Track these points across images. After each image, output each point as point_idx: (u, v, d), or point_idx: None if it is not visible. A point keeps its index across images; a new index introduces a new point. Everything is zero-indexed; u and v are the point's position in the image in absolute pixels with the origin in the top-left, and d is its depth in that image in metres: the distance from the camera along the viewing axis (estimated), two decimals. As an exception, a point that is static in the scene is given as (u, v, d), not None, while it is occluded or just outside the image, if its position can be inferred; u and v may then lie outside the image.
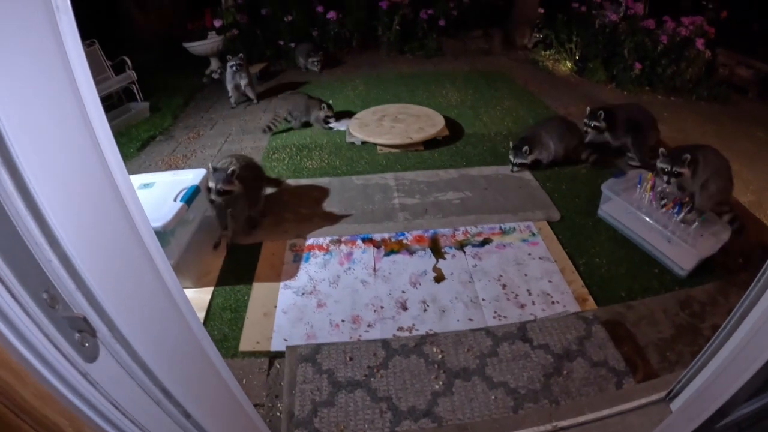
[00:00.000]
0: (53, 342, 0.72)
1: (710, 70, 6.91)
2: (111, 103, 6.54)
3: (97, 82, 6.21)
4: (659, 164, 3.26)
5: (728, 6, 7.57)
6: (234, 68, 6.01)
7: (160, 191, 3.13)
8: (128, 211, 0.89)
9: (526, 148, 4.02)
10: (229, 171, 3.18)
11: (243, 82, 6.13)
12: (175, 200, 2.99)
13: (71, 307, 0.76)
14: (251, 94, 6.27)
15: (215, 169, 3.21)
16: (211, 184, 3.18)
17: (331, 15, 7.73)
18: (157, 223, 2.75)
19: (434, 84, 6.47)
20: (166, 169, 4.70)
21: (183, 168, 4.68)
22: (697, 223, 3.12)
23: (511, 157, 4.13)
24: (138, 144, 5.36)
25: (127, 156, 5.07)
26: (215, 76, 7.57)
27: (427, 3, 8.01)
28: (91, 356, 0.79)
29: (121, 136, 5.59)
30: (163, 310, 1.03)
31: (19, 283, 0.67)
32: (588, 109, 4.44)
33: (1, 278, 0.65)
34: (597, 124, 4.38)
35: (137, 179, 3.29)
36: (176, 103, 6.61)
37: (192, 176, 3.26)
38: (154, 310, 1.00)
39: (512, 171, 4.18)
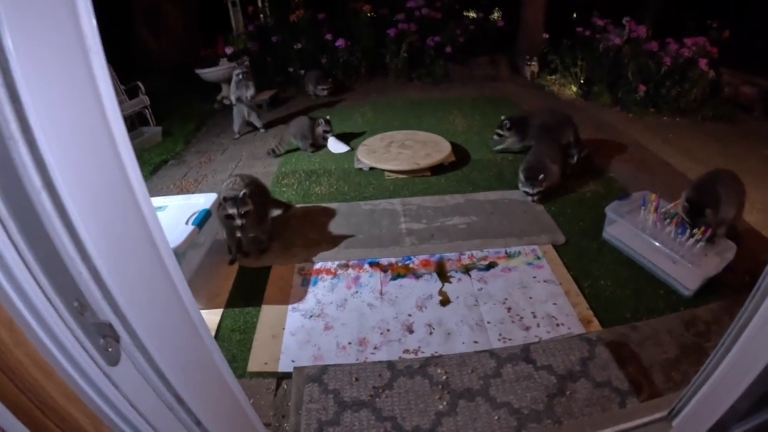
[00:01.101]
0: (81, 344, 0.80)
1: (715, 90, 6.95)
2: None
3: None
4: (680, 212, 3.31)
5: (731, 25, 7.68)
6: (240, 76, 5.92)
7: (172, 214, 3.23)
8: (149, 230, 0.98)
9: (542, 176, 4.04)
10: (241, 194, 3.28)
11: (248, 94, 6.04)
12: (186, 223, 3.08)
13: (98, 315, 0.84)
14: (257, 122, 6.30)
15: (226, 199, 3.26)
16: (232, 211, 3.25)
17: (340, 43, 7.91)
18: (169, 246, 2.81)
19: (441, 110, 6.59)
20: (178, 193, 4.80)
21: (194, 192, 4.79)
22: (702, 243, 3.15)
23: (528, 190, 4.13)
24: (150, 168, 5.48)
25: None
26: (227, 102, 7.70)
27: (434, 30, 8.18)
28: (114, 360, 0.87)
29: (134, 159, 5.68)
30: (178, 322, 1.11)
31: (55, 291, 0.76)
32: (502, 118, 4.88)
33: (40, 286, 0.73)
34: (502, 132, 4.95)
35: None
36: (188, 128, 6.75)
37: (203, 200, 3.35)
38: (171, 321, 1.08)
39: (534, 201, 4.18)
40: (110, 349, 0.86)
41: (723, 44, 7.06)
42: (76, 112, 0.79)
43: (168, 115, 7.29)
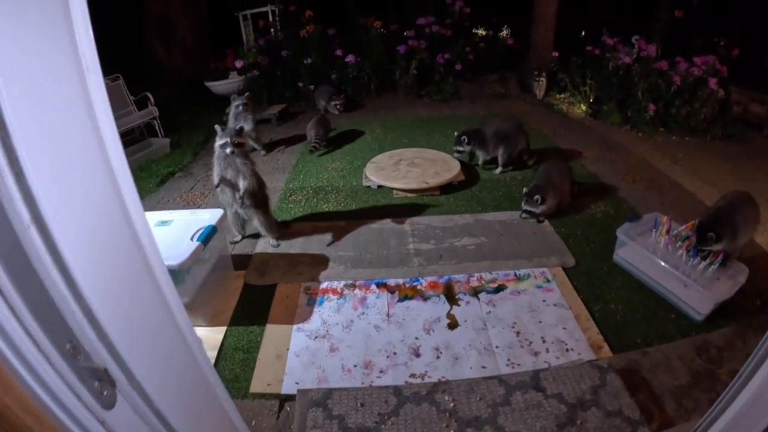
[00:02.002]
0: (74, 390, 0.76)
1: (724, 109, 6.92)
2: (133, 137, 6.75)
3: (120, 116, 6.48)
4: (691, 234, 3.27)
5: (739, 43, 7.66)
6: (240, 108, 5.77)
7: (177, 229, 3.19)
8: (149, 265, 0.93)
9: (537, 197, 4.00)
10: (237, 127, 3.63)
11: (247, 127, 5.67)
12: (191, 239, 3.03)
13: (92, 358, 0.79)
14: (257, 145, 6.09)
15: (221, 129, 3.59)
16: (225, 139, 3.55)
17: (350, 59, 7.91)
18: (173, 262, 2.79)
19: (451, 128, 6.54)
20: (184, 206, 4.84)
21: (200, 205, 4.83)
22: (714, 267, 3.11)
23: (523, 206, 4.14)
24: (157, 180, 5.49)
25: (146, 191, 5.22)
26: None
27: (444, 47, 8.18)
28: (109, 404, 0.83)
29: (141, 170, 5.74)
30: (179, 359, 1.06)
31: (44, 333, 0.71)
32: (455, 134, 5.02)
33: (27, 329, 0.69)
34: (462, 149, 5.12)
35: (155, 216, 3.37)
36: (196, 141, 6.75)
37: (209, 216, 3.31)
38: (171, 359, 1.03)
39: (521, 217, 4.18)
40: (105, 393, 0.81)
41: (732, 63, 7.03)
42: (70, 138, 0.76)
43: (177, 126, 7.31)
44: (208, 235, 3.10)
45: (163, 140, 6.64)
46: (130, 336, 0.86)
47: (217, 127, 3.62)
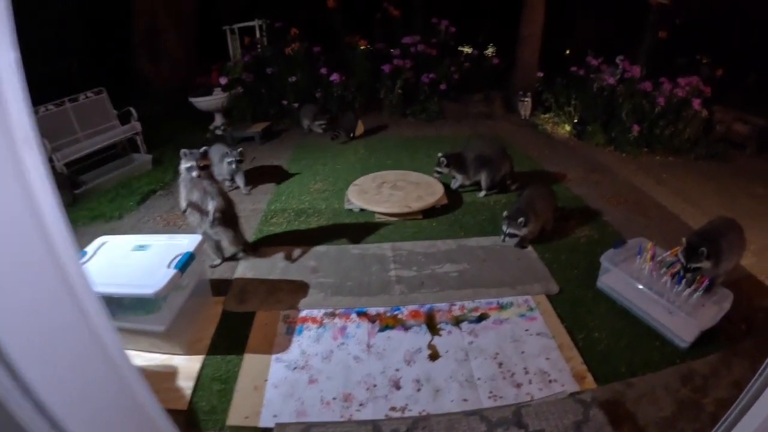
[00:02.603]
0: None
1: (707, 128, 6.98)
2: (115, 152, 6.68)
3: (103, 131, 6.50)
4: (679, 255, 3.23)
5: (722, 61, 7.73)
6: (234, 166, 5.34)
7: (155, 255, 3.12)
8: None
9: (521, 219, 3.94)
10: (201, 150, 3.62)
11: (241, 183, 5.53)
12: (168, 266, 2.97)
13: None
14: (240, 182, 5.62)
15: (185, 153, 3.62)
16: (191, 163, 3.58)
17: (335, 77, 7.87)
18: (150, 290, 2.73)
19: (435, 149, 6.47)
20: (164, 226, 4.79)
21: (180, 226, 4.75)
22: (699, 293, 3.09)
23: (503, 228, 4.04)
24: (138, 198, 5.44)
25: (126, 209, 5.18)
26: (218, 132, 7.67)
27: (429, 67, 8.17)
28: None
29: (122, 187, 5.71)
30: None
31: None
32: (438, 155, 4.97)
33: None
34: (440, 170, 5.04)
35: (133, 240, 3.31)
36: (178, 158, 6.64)
37: (187, 242, 3.24)
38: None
39: (503, 241, 4.10)
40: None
41: (715, 82, 7.08)
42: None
43: (160, 142, 7.26)
44: (186, 262, 3.03)
45: (145, 157, 6.58)
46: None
47: (182, 150, 3.64)
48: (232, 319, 3.40)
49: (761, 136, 6.82)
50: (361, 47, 8.15)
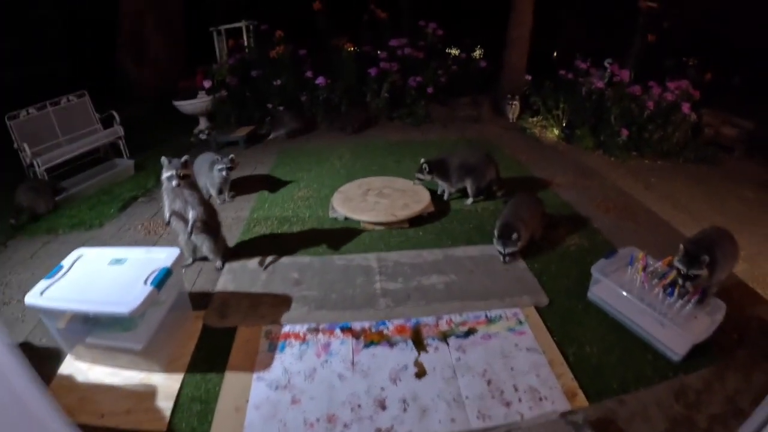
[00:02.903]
0: None
1: (696, 132, 6.96)
2: (97, 156, 6.60)
3: (86, 135, 6.43)
4: (676, 263, 3.14)
5: (709, 64, 7.73)
6: (224, 173, 5.12)
7: (131, 269, 3.02)
8: None
9: (515, 235, 3.81)
10: (183, 159, 3.58)
11: (227, 192, 5.39)
12: (145, 283, 2.85)
13: None
14: (225, 193, 5.45)
15: (166, 162, 3.58)
16: (171, 172, 3.54)
17: (321, 81, 7.76)
18: (124, 309, 2.62)
19: (421, 154, 6.35)
20: (145, 235, 4.69)
21: (162, 234, 4.66)
22: (691, 305, 3.05)
23: (500, 249, 3.88)
24: (119, 204, 5.34)
25: (107, 217, 5.09)
26: (202, 136, 7.57)
27: (416, 70, 8.07)
28: None
29: (103, 194, 5.61)
30: None
31: None
32: (421, 161, 4.87)
33: None
34: (422, 177, 4.93)
35: (109, 253, 3.20)
36: (162, 163, 6.55)
37: (164, 256, 3.11)
38: None
39: (505, 262, 3.93)
40: None
41: (704, 86, 7.06)
42: None
43: (143, 146, 7.17)
44: (163, 279, 2.91)
45: (128, 162, 6.48)
46: None
47: (163, 159, 3.60)
48: (212, 335, 3.28)
49: (749, 139, 6.84)
50: (348, 50, 8.00)
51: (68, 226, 4.94)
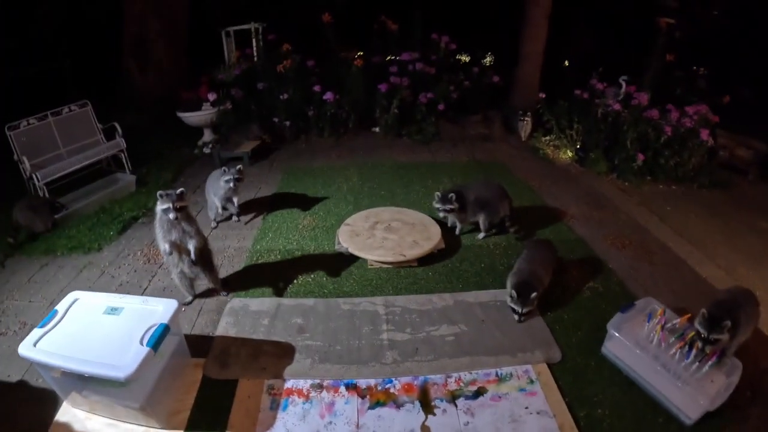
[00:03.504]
0: None
1: (711, 154, 6.81)
2: (99, 167, 6.49)
3: (87, 147, 6.30)
4: (696, 325, 3.00)
5: (719, 74, 7.58)
6: (232, 184, 4.98)
7: (127, 322, 2.92)
8: None
9: (534, 294, 3.61)
10: (178, 191, 3.53)
11: (235, 199, 5.21)
12: (141, 342, 2.74)
13: None
14: (233, 209, 5.36)
15: (162, 195, 3.52)
16: (168, 205, 3.49)
17: (329, 96, 7.60)
18: (120, 374, 2.52)
19: (430, 177, 6.28)
20: (144, 263, 4.59)
21: (161, 265, 4.55)
22: (708, 367, 2.93)
23: (517, 308, 3.65)
24: (119, 226, 5.23)
25: (106, 239, 4.99)
26: (206, 150, 7.47)
27: (427, 86, 7.91)
28: None
29: (103, 212, 5.51)
30: None
31: None
32: (438, 194, 4.66)
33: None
34: (451, 206, 4.63)
35: (104, 300, 3.10)
36: (164, 179, 6.50)
37: (162, 309, 2.98)
38: None
39: (520, 321, 3.70)
40: None
41: (723, 109, 6.92)
42: None
43: (145, 158, 7.05)
44: (160, 337, 2.79)
45: (130, 177, 6.35)
46: None
47: (159, 192, 3.54)
48: (212, 388, 3.17)
49: (764, 162, 6.76)
50: (357, 66, 7.80)
51: (67, 248, 4.84)
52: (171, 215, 3.51)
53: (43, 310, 3.94)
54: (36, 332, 2.81)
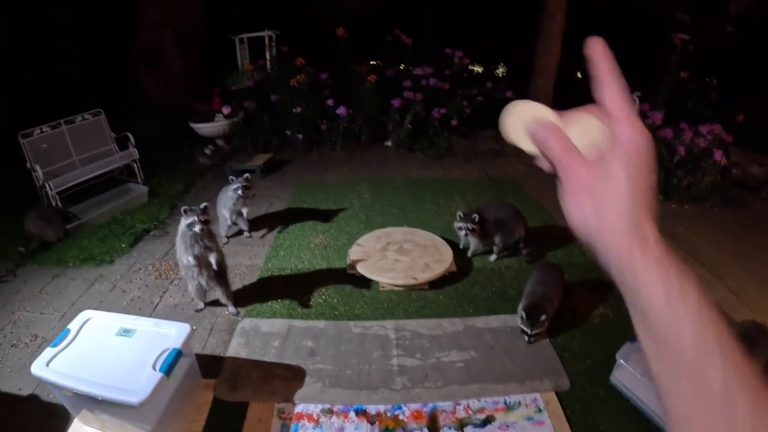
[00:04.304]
0: None
1: (724, 172, 6.75)
2: (111, 177, 6.54)
3: (100, 156, 6.36)
4: None
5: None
6: (240, 191, 4.94)
7: (139, 344, 2.94)
8: None
9: (544, 317, 3.62)
10: (202, 206, 3.66)
11: (245, 211, 5.19)
12: (154, 367, 2.76)
13: None
14: (244, 225, 5.37)
15: (186, 210, 3.63)
16: (193, 219, 3.58)
17: (341, 110, 7.64)
18: (133, 399, 2.54)
19: (442, 194, 6.27)
20: (156, 278, 4.60)
21: (173, 280, 4.57)
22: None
23: (527, 330, 3.66)
24: (131, 238, 5.26)
25: (117, 251, 5.02)
26: (203, 160, 7.57)
27: (441, 101, 7.93)
28: None
29: (115, 223, 5.55)
30: None
31: None
32: (460, 213, 4.62)
33: None
34: (473, 226, 4.56)
35: (117, 321, 3.11)
36: (175, 190, 6.53)
37: (175, 333, 2.99)
38: None
39: (530, 343, 3.73)
40: None
41: (737, 128, 6.89)
42: None
43: (157, 168, 7.09)
44: (173, 363, 2.82)
45: (142, 188, 6.39)
46: None
47: (183, 208, 3.67)
48: (223, 410, 3.19)
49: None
50: (371, 82, 7.83)
51: (78, 259, 4.89)
52: (197, 228, 3.59)
53: (54, 323, 3.99)
54: (49, 351, 2.84)
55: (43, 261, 4.91)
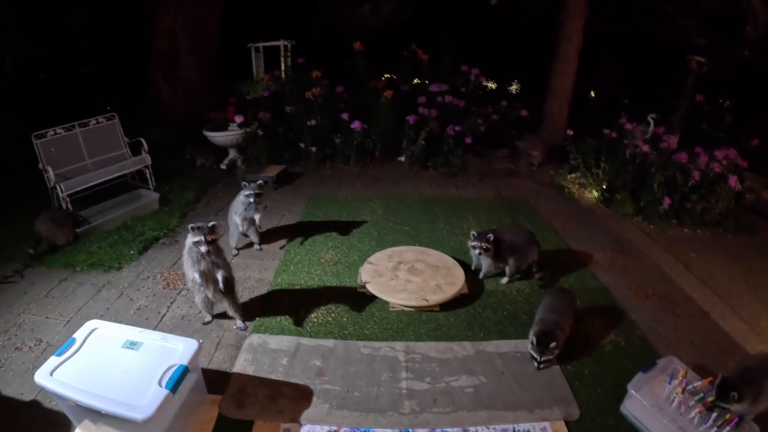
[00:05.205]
0: None
1: (737, 198, 6.73)
2: (124, 180, 6.62)
3: (113, 160, 6.41)
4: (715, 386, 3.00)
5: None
6: (251, 199, 4.93)
7: (145, 358, 2.91)
8: None
9: (554, 344, 3.59)
10: (210, 224, 3.60)
11: (257, 217, 5.12)
12: (160, 384, 2.73)
13: None
14: (254, 237, 5.34)
15: (193, 228, 3.59)
16: (199, 237, 3.55)
17: (356, 125, 7.64)
18: (138, 415, 2.52)
19: (455, 214, 6.23)
20: (164, 288, 4.59)
21: (180, 290, 4.56)
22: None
23: (537, 356, 3.64)
24: (140, 246, 5.25)
25: (126, 258, 5.02)
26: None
27: (456, 119, 7.91)
28: None
29: (125, 229, 5.54)
30: None
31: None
32: (474, 233, 4.61)
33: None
34: (487, 245, 4.54)
35: (123, 333, 3.10)
36: (187, 198, 6.53)
37: (182, 349, 2.97)
38: None
39: (539, 369, 3.69)
40: None
41: (752, 153, 6.83)
42: None
43: (169, 175, 7.16)
44: (179, 380, 2.78)
45: (153, 195, 6.39)
46: None
47: (190, 225, 3.62)
48: (227, 427, 3.15)
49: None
50: (386, 98, 7.80)
51: (87, 264, 4.88)
52: (203, 248, 3.58)
53: (59, 328, 3.98)
54: (53, 360, 2.82)
55: (52, 264, 4.91)
